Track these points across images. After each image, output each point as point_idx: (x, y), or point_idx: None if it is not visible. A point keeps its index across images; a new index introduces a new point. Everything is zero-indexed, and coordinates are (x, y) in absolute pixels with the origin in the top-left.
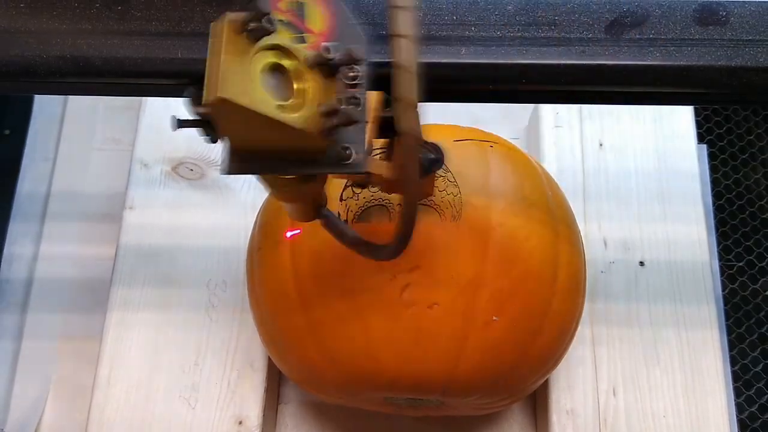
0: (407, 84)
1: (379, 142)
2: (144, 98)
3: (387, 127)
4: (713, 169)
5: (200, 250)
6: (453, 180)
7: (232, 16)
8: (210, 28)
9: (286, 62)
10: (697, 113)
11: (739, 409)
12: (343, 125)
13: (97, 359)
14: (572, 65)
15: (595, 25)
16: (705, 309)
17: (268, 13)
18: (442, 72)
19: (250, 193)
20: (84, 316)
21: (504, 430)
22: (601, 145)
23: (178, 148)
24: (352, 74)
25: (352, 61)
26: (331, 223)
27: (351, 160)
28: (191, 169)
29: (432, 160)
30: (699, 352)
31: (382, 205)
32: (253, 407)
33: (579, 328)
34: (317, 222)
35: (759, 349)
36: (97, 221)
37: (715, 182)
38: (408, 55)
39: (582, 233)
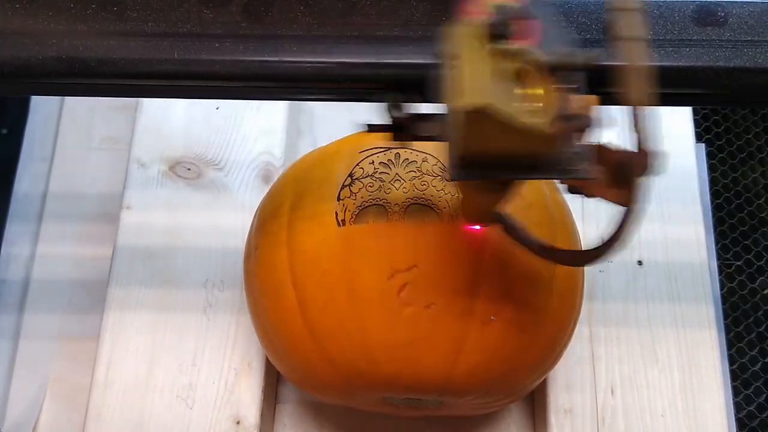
0: (641, 88)
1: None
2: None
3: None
4: (711, 168)
5: (198, 250)
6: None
7: (474, 21)
8: (440, 31)
9: (520, 66)
10: (695, 112)
11: (738, 407)
12: (576, 131)
13: (95, 359)
14: None
15: (593, 26)
16: (703, 308)
17: (506, 18)
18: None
19: (248, 193)
20: (81, 316)
21: (502, 429)
22: (603, 145)
23: (176, 147)
24: (574, 78)
25: (591, 65)
26: (511, 228)
27: (576, 165)
28: (189, 169)
29: (652, 165)
30: (697, 351)
31: (380, 205)
32: (250, 407)
33: (577, 327)
34: (319, 222)
35: (757, 348)
36: (94, 221)
37: (713, 181)
38: (641, 58)
39: (580, 233)
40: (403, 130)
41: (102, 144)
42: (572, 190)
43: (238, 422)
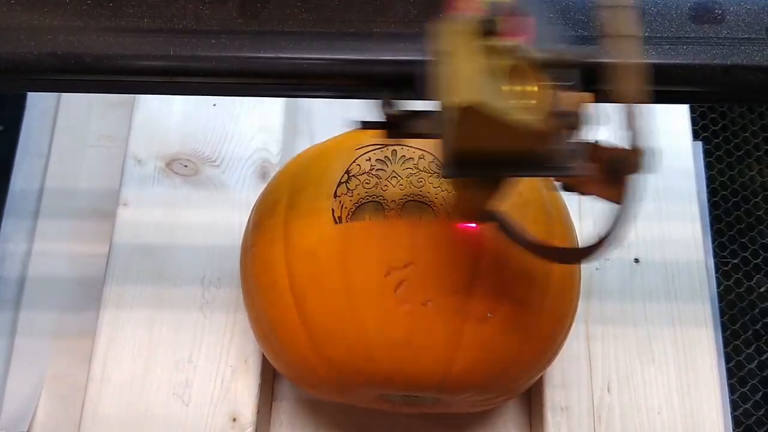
0: (634, 85)
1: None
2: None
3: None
4: (708, 166)
5: (194, 247)
6: None
7: (466, 18)
8: (429, 28)
9: (515, 63)
10: (692, 110)
11: (734, 405)
12: (569, 128)
13: (91, 356)
14: None
15: (590, 23)
16: (700, 306)
17: (496, 15)
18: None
19: (245, 189)
20: (78, 313)
21: (499, 427)
22: (596, 142)
23: (172, 144)
24: (570, 75)
25: (585, 62)
26: (506, 226)
27: (572, 162)
28: (185, 165)
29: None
30: (694, 349)
31: (376, 202)
32: (247, 404)
33: (574, 325)
34: (315, 219)
35: (754, 346)
36: (90, 218)
37: (710, 179)
38: (634, 55)
39: (577, 230)
40: (396, 127)
41: (98, 140)
42: (567, 188)
43: (234, 419)
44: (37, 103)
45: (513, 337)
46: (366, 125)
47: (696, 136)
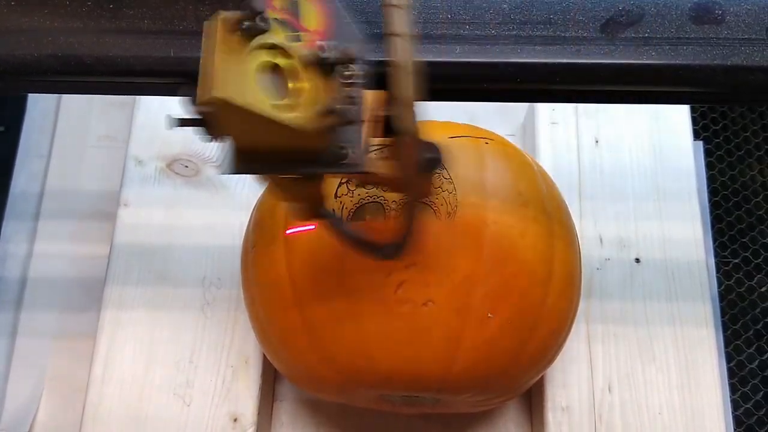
0: (405, 83)
1: (378, 141)
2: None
3: (387, 126)
4: (709, 166)
5: (195, 248)
6: (448, 177)
7: (226, 15)
8: (203, 27)
9: (281, 61)
10: (693, 110)
11: (735, 405)
12: (341, 125)
13: (92, 357)
14: (567, 64)
15: (591, 24)
16: (700, 306)
17: (262, 12)
18: (436, 71)
19: (245, 190)
20: (78, 313)
21: (499, 427)
22: (596, 141)
23: (173, 144)
24: (348, 73)
25: (348, 59)
26: (330, 223)
27: (348, 159)
28: (186, 166)
29: (431, 159)
30: (694, 349)
31: (377, 202)
32: (248, 404)
33: (574, 325)
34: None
35: (754, 346)
36: (91, 219)
37: (711, 179)
38: (405, 54)
39: (577, 230)
40: (208, 123)
41: (99, 141)
42: (359, 184)
43: (235, 419)
44: (38, 104)
45: (513, 338)
46: (181, 123)
47: (696, 135)
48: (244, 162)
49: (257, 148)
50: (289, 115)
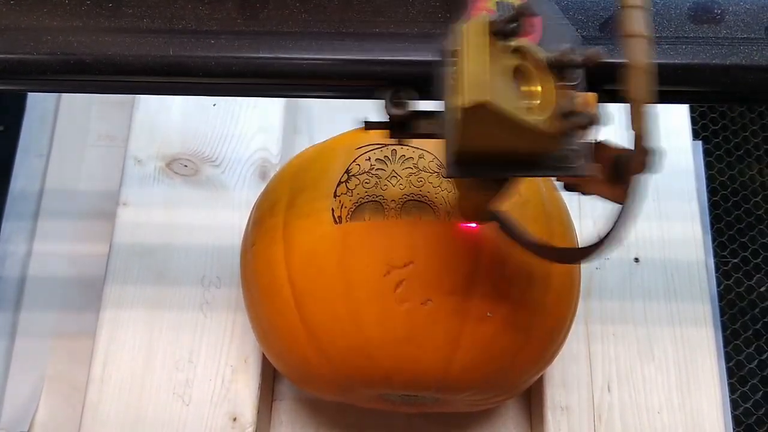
0: (642, 85)
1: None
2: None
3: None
4: (708, 166)
5: (194, 247)
6: None
7: (482, 18)
8: (453, 29)
9: (524, 63)
10: (692, 109)
11: (734, 405)
12: (579, 128)
13: (91, 356)
14: None
15: (590, 23)
16: (700, 305)
17: (515, 15)
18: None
19: (245, 189)
20: (78, 313)
21: (499, 426)
22: (600, 142)
23: (172, 144)
24: (575, 75)
25: (591, 62)
26: (506, 226)
27: (575, 162)
28: (185, 165)
29: (645, 162)
30: (694, 349)
31: (376, 201)
32: (247, 404)
33: (574, 324)
34: (315, 219)
35: (754, 346)
36: (90, 218)
37: (710, 178)
38: (643, 55)
39: (577, 230)
40: (400, 127)
41: (99, 141)
42: (568, 188)
43: (234, 419)
44: (38, 103)
45: (513, 337)
46: (370, 126)
47: (696, 135)
48: (465, 164)
49: (485, 151)
50: (537, 119)
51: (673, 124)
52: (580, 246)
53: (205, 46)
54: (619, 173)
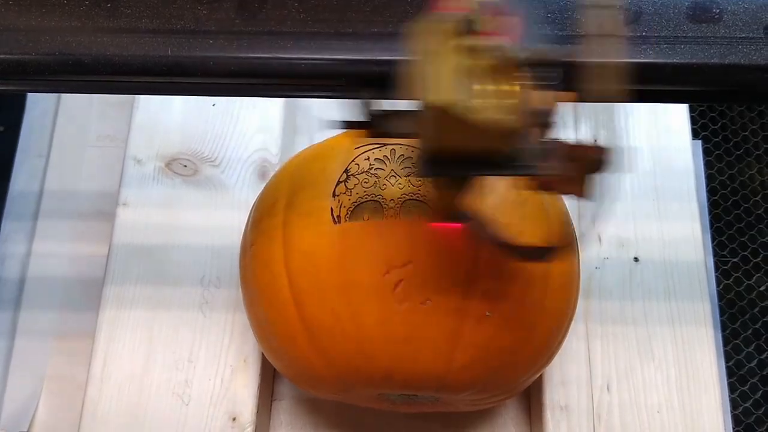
0: (608, 85)
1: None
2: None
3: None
4: (708, 165)
5: (194, 247)
6: None
7: (438, 17)
8: (409, 28)
9: (489, 63)
10: (691, 109)
11: (734, 404)
12: (544, 126)
13: (91, 356)
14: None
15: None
16: (699, 305)
17: (479, 13)
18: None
19: (244, 189)
20: (77, 313)
21: (498, 426)
22: (595, 141)
23: (172, 144)
24: (552, 75)
25: (541, 61)
26: (477, 225)
27: (541, 161)
28: (185, 165)
29: (601, 161)
30: (693, 348)
31: (375, 201)
32: (246, 404)
33: (573, 324)
34: (314, 218)
35: (753, 345)
36: (90, 218)
37: (709, 178)
38: (612, 54)
39: (576, 230)
40: (378, 126)
41: (98, 141)
42: (543, 187)
43: (234, 419)
44: (37, 103)
45: (512, 336)
46: (347, 125)
47: (695, 135)
48: (436, 164)
49: (453, 151)
50: (496, 117)
51: (672, 124)
52: (549, 245)
53: (203, 46)
54: (587, 171)
